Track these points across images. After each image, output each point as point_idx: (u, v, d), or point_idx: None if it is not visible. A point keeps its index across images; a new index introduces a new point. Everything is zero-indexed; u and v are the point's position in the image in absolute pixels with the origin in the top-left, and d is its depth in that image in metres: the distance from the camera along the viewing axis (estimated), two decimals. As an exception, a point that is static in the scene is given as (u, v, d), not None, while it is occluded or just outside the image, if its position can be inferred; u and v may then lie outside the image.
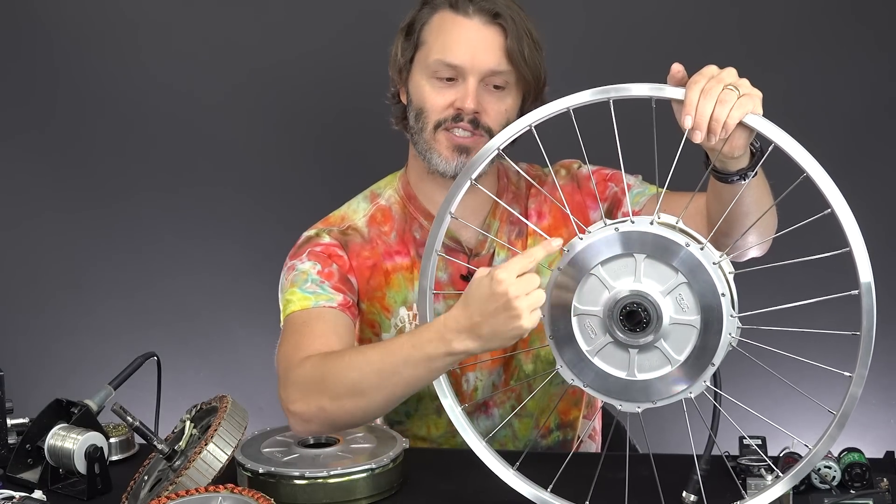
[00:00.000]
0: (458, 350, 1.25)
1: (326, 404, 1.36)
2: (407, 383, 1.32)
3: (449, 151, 1.51)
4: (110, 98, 2.43)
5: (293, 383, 1.41)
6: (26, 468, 1.46)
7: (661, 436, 1.71)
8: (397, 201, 1.63)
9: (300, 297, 1.52)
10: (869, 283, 1.09)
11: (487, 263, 1.60)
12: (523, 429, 1.65)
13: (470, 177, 1.25)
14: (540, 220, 1.63)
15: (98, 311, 2.52)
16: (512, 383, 1.63)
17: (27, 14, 2.42)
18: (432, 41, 1.52)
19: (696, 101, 1.15)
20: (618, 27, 2.34)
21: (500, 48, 1.50)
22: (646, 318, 1.15)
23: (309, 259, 1.56)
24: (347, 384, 1.35)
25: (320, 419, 1.38)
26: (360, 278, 1.59)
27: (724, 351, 1.15)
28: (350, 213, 1.64)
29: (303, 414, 1.38)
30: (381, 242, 1.60)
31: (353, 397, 1.34)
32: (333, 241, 1.59)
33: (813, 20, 2.28)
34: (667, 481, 1.24)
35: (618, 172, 1.63)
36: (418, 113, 1.54)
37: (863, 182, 2.23)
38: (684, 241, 1.14)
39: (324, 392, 1.36)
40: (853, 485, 1.32)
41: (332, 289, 1.53)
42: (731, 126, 1.15)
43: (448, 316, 1.25)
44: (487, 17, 1.50)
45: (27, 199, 2.50)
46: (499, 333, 1.21)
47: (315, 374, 1.38)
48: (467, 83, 1.50)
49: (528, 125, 1.23)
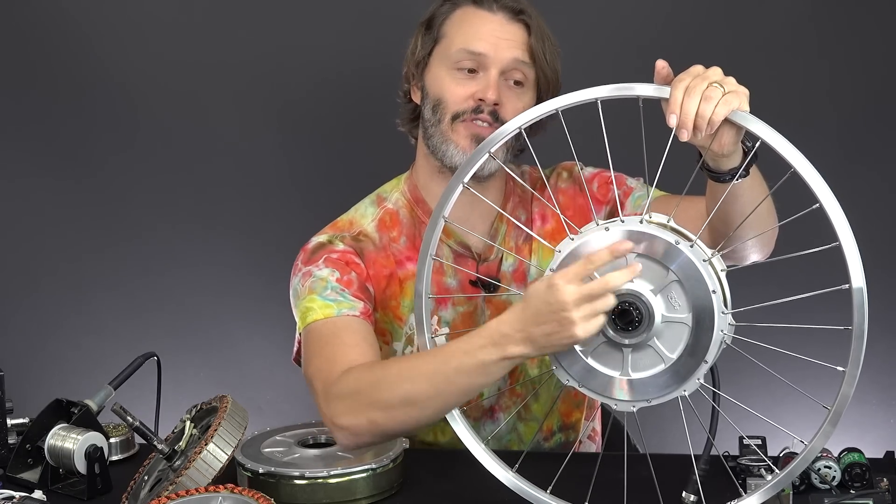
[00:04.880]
0: (513, 355, 1.22)
1: (378, 416, 1.32)
2: (462, 391, 1.29)
3: (467, 142, 1.50)
4: (111, 98, 2.43)
5: (337, 397, 1.36)
6: (26, 468, 1.46)
7: (661, 436, 1.71)
8: (405, 205, 1.61)
9: (321, 304, 1.48)
10: (860, 280, 1.09)
11: (496, 269, 1.59)
12: (529, 433, 1.65)
13: (462, 180, 1.25)
14: (544, 224, 1.63)
15: (98, 311, 2.52)
16: (517, 387, 1.62)
17: (27, 14, 2.42)
18: (454, 33, 1.53)
19: (681, 99, 1.14)
20: (617, 27, 2.34)
21: (523, 43, 1.51)
22: (638, 316, 1.15)
23: (326, 266, 1.52)
24: (400, 395, 1.31)
25: (371, 431, 1.34)
26: (377, 287, 1.56)
27: (717, 348, 1.15)
28: (358, 217, 1.62)
29: (353, 427, 1.34)
30: (393, 249, 1.58)
31: (406, 408, 1.31)
32: (348, 248, 1.55)
33: (813, 18, 2.28)
34: (666, 481, 1.24)
35: (620, 175, 1.62)
36: (436, 104, 1.52)
37: (857, 178, 2.23)
38: (674, 239, 1.14)
39: (374, 404, 1.33)
40: (853, 485, 1.32)
41: (352, 297, 1.50)
42: (716, 122, 1.14)
43: (501, 321, 1.22)
44: (511, 14, 1.52)
45: (27, 198, 2.50)
46: (553, 341, 1.18)
47: (362, 387, 1.35)
48: (489, 74, 1.49)
49: (518, 127, 1.23)
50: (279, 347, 2.42)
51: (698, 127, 1.14)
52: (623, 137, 1.22)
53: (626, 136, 1.22)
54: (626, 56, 2.28)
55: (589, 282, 1.15)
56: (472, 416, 1.60)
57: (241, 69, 2.42)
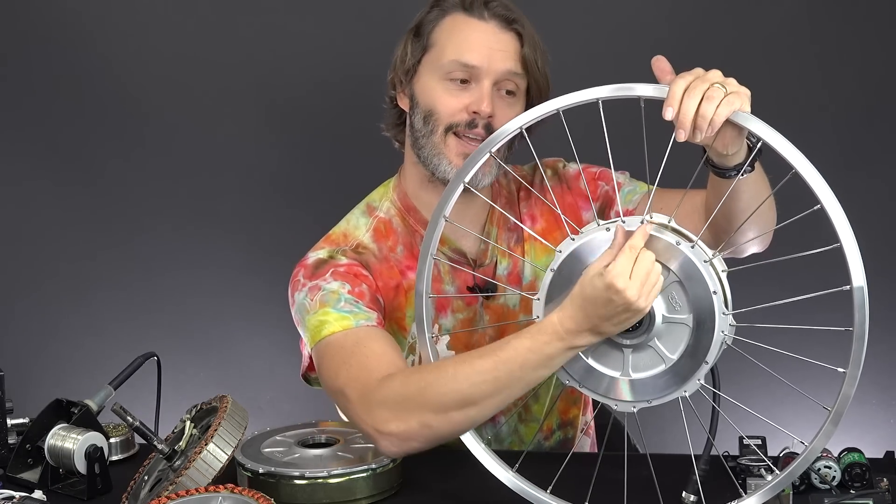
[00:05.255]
0: (579, 345, 1.21)
1: (431, 419, 1.29)
2: (526, 384, 1.27)
3: (459, 158, 1.48)
4: (111, 99, 2.44)
5: (380, 404, 1.32)
6: (26, 468, 1.46)
7: (661, 436, 1.71)
8: (396, 213, 1.58)
9: (336, 316, 1.44)
10: (861, 280, 1.09)
11: (491, 273, 1.58)
12: (529, 434, 1.64)
13: (463, 179, 1.25)
14: (533, 224, 1.61)
15: (98, 311, 2.52)
16: None
17: (27, 14, 2.42)
18: (444, 42, 1.49)
19: (680, 95, 1.13)
20: (615, 26, 2.34)
21: (516, 53, 1.49)
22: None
23: (335, 279, 1.48)
24: (456, 397, 1.28)
25: (424, 435, 1.31)
26: (386, 298, 1.54)
27: (718, 349, 1.15)
28: (351, 229, 1.58)
29: (402, 433, 1.30)
30: (393, 259, 1.56)
31: (462, 409, 1.28)
32: (353, 261, 1.52)
33: (810, 18, 2.29)
34: (666, 481, 1.24)
35: (606, 170, 1.61)
36: (427, 115, 1.50)
37: (857, 179, 2.23)
38: (675, 240, 1.14)
39: (425, 407, 1.29)
40: (853, 485, 1.32)
41: (366, 308, 1.47)
42: (717, 123, 1.13)
43: (563, 317, 1.20)
44: (503, 23, 1.49)
45: (27, 199, 2.51)
46: (622, 326, 1.18)
47: (410, 391, 1.31)
48: (482, 85, 1.47)
49: (519, 128, 1.23)
50: (279, 347, 2.43)
51: (699, 127, 1.13)
52: (626, 138, 1.22)
53: (628, 137, 1.22)
54: (626, 56, 2.28)
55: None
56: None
57: (242, 72, 2.43)
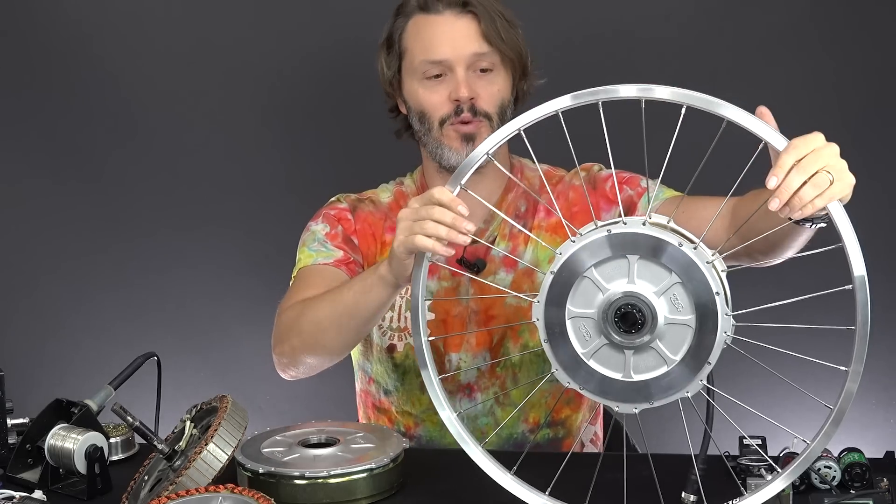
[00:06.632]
0: (382, 273, 1.38)
1: (296, 342, 1.52)
2: (350, 309, 1.46)
3: (458, 142, 1.59)
4: (110, 98, 2.43)
5: (275, 328, 1.56)
6: (26, 468, 1.46)
7: (662, 436, 1.71)
8: (414, 191, 1.72)
9: (306, 255, 1.65)
10: (862, 277, 1.09)
11: (484, 250, 1.63)
12: (505, 416, 1.66)
13: (459, 183, 1.25)
14: (548, 217, 1.67)
15: (98, 310, 2.52)
16: (497, 370, 1.65)
17: (27, 14, 2.42)
18: (412, 45, 1.60)
19: (789, 167, 1.07)
20: (618, 27, 2.34)
21: (476, 33, 1.57)
22: (640, 319, 1.15)
23: (322, 221, 1.69)
24: (311, 319, 1.49)
25: (293, 358, 1.54)
26: (362, 243, 1.69)
27: (721, 349, 1.15)
28: (378, 191, 1.76)
29: (280, 356, 1.56)
30: (393, 220, 1.66)
31: (313, 331, 1.50)
32: (346, 205, 1.71)
33: (813, 18, 2.28)
34: (667, 481, 1.24)
35: (635, 176, 1.65)
36: (421, 116, 1.61)
37: (857, 179, 2.22)
38: (677, 241, 1.14)
39: (294, 330, 1.52)
40: (853, 485, 1.32)
41: (333, 247, 1.65)
42: (808, 211, 1.09)
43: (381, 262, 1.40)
44: (457, 9, 1.58)
45: (26, 199, 2.50)
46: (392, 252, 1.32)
47: (292, 316, 1.53)
48: (456, 74, 1.57)
49: (517, 129, 1.22)
50: (279, 347, 2.42)
51: (791, 206, 1.09)
52: (628, 138, 1.22)
53: (630, 137, 1.22)
54: (626, 56, 2.28)
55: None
56: (448, 390, 1.63)
57: (243, 72, 2.42)
